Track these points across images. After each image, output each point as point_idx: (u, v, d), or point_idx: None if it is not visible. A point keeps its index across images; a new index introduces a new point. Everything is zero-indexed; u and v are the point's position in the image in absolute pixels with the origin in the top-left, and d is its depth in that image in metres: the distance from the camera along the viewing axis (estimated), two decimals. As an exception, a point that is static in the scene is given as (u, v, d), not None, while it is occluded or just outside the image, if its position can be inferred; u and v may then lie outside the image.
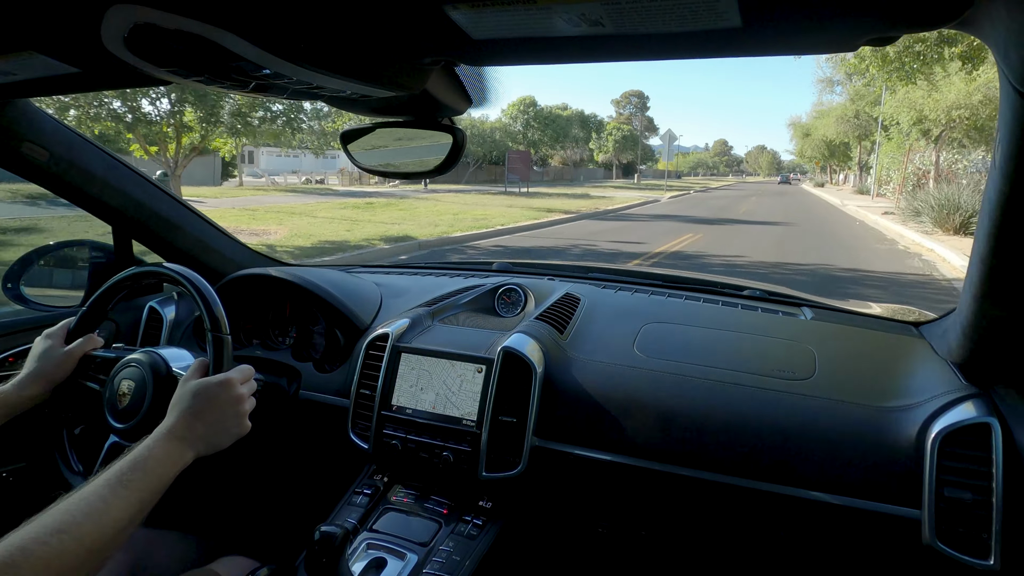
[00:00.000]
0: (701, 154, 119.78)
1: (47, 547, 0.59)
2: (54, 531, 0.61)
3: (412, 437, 1.12)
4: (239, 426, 0.87)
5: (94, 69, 0.77)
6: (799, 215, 18.61)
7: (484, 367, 1.11)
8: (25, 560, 0.57)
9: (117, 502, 0.68)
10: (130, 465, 0.72)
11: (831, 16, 0.47)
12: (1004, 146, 0.55)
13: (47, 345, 1.01)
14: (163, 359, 0.98)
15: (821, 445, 0.95)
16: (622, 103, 75.13)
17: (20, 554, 0.57)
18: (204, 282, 0.97)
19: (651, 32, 0.51)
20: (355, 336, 1.30)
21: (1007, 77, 0.48)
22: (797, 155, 52.67)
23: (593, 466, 1.05)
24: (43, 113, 1.17)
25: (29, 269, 1.41)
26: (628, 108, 74.36)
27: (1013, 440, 0.87)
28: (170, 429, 0.79)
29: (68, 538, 0.61)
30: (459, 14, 0.50)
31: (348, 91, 0.69)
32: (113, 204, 1.34)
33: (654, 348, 1.16)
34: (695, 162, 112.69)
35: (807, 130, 43.27)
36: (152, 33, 0.52)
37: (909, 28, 0.48)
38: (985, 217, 0.65)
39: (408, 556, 0.98)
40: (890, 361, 1.09)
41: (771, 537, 1.04)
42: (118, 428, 0.95)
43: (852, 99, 29.01)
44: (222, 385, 0.85)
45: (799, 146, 47.60)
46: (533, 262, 1.80)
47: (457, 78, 0.80)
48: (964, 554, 0.84)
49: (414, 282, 1.56)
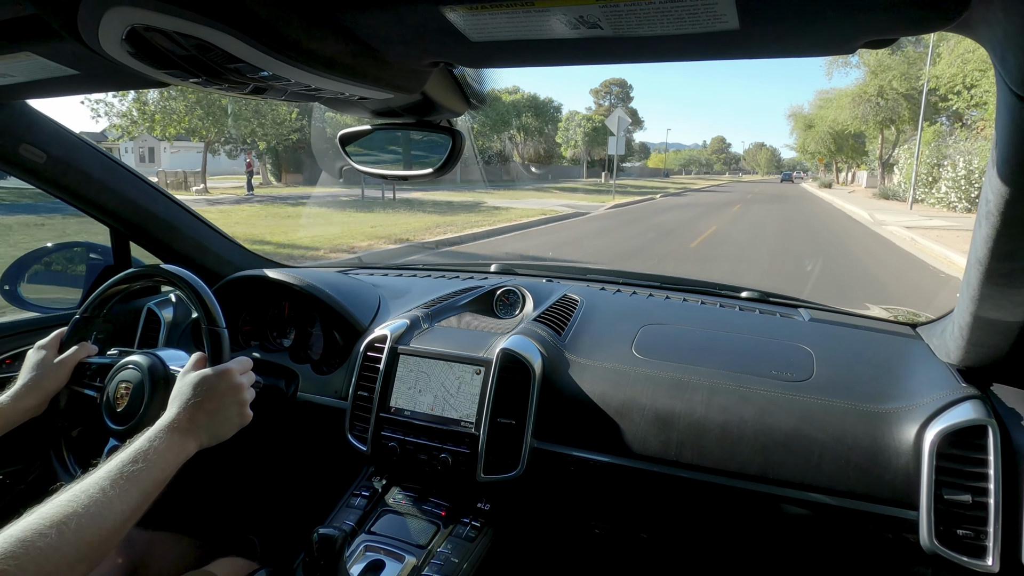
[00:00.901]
0: (697, 151, 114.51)
1: (47, 540, 0.58)
2: (54, 524, 0.60)
3: (410, 439, 1.12)
4: (240, 415, 0.86)
5: (91, 71, 0.77)
6: (803, 244, 10.62)
7: (483, 369, 1.11)
8: (25, 553, 0.56)
9: (119, 495, 0.67)
10: (132, 457, 0.71)
11: (828, 18, 0.47)
12: (1001, 148, 0.55)
13: (41, 356, 1.00)
14: (160, 359, 0.98)
15: (819, 447, 0.95)
16: (602, 93, 68.50)
17: (20, 547, 0.57)
18: (199, 280, 0.97)
19: (649, 34, 0.51)
20: (353, 338, 1.30)
21: (1004, 80, 0.48)
22: (798, 150, 46.45)
23: (591, 468, 1.05)
24: (41, 115, 1.17)
25: (26, 271, 1.41)
26: (609, 99, 67.44)
27: (1011, 441, 0.87)
28: (172, 421, 0.79)
29: (68, 531, 0.60)
30: (457, 16, 0.50)
31: (347, 93, 0.69)
32: (110, 206, 1.34)
33: (652, 349, 1.16)
34: (687, 159, 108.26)
35: (810, 121, 37.19)
36: (150, 35, 0.52)
37: (906, 30, 0.48)
38: (982, 219, 0.65)
39: (406, 558, 0.98)
40: (888, 363, 1.10)
41: (769, 539, 1.04)
42: (117, 430, 0.94)
43: (874, 72, 23.18)
44: (221, 375, 0.85)
45: (800, 140, 40.67)
46: (532, 263, 1.80)
47: (455, 80, 0.80)
48: (962, 555, 0.84)
49: (412, 284, 1.56)
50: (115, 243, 1.47)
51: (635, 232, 12.68)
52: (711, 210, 18.70)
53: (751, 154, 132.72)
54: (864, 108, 24.26)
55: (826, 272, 7.47)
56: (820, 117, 33.99)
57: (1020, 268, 0.69)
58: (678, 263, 8.41)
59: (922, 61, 17.33)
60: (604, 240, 11.21)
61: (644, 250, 9.60)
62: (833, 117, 28.80)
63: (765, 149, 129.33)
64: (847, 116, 25.37)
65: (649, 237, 11.69)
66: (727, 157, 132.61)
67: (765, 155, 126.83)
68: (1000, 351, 0.89)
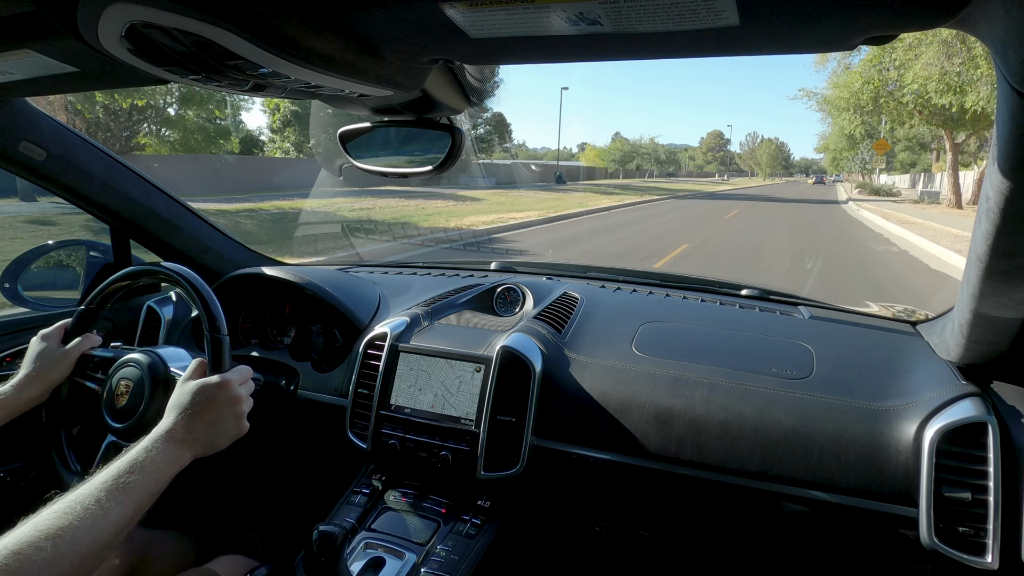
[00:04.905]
0: (645, 145, 61.82)
1: (42, 553, 0.59)
2: (49, 536, 0.60)
3: (411, 436, 1.12)
4: (237, 427, 0.86)
5: (91, 68, 0.77)
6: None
7: (483, 367, 1.11)
8: (20, 566, 0.57)
9: (114, 506, 0.67)
10: (128, 468, 0.72)
11: (828, 15, 0.47)
12: (1002, 145, 0.55)
13: (44, 346, 1.01)
14: (161, 359, 0.98)
15: (819, 444, 0.95)
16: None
17: (15, 559, 0.57)
18: (203, 282, 0.97)
19: (649, 31, 0.51)
20: (353, 335, 1.30)
21: (1005, 76, 0.48)
22: (831, 144, 33.26)
23: (591, 465, 1.05)
24: (41, 112, 1.17)
25: (26, 268, 1.41)
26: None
27: (1010, 438, 0.87)
28: (168, 431, 0.79)
29: (64, 543, 0.61)
30: (457, 13, 0.50)
31: (347, 90, 0.69)
32: (111, 204, 1.34)
33: (652, 347, 1.16)
34: (626, 154, 59.61)
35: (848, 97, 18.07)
36: (150, 32, 0.52)
37: (906, 26, 0.48)
38: (982, 216, 0.65)
39: (406, 555, 0.98)
40: (888, 360, 1.10)
41: (769, 536, 1.04)
42: (116, 427, 0.95)
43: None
44: (220, 386, 0.85)
45: (839, 127, 22.46)
46: (532, 261, 1.80)
47: (455, 77, 0.79)
48: (962, 552, 0.84)
49: (413, 281, 1.56)
50: (115, 241, 1.47)
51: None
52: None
53: (746, 147, 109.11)
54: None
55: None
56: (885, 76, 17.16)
57: (1020, 265, 0.69)
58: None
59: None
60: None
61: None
62: (917, 73, 14.53)
63: (766, 142, 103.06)
64: (934, 69, 13.62)
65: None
66: (725, 156, 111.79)
67: (767, 150, 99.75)
68: (1000, 348, 0.89)
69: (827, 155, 46.07)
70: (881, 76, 17.44)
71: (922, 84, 14.64)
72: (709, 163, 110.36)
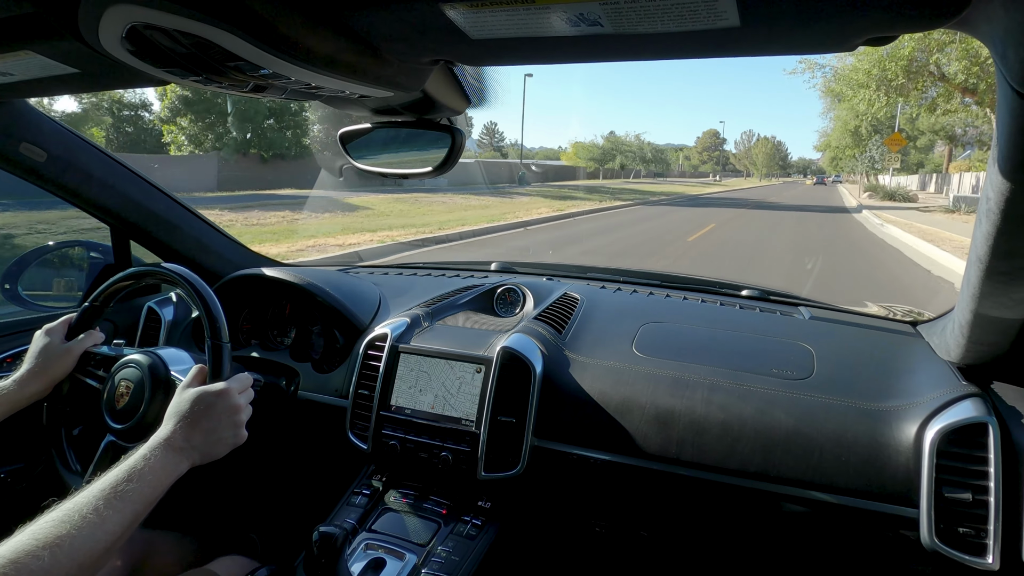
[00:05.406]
0: (629, 142, 52.36)
1: (40, 562, 0.59)
2: (47, 545, 0.60)
3: (411, 437, 1.12)
4: (235, 436, 0.86)
5: (92, 70, 0.77)
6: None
7: (483, 367, 1.11)
8: (18, 575, 0.57)
9: (112, 515, 0.67)
10: (126, 476, 0.72)
11: (829, 16, 0.47)
12: (1002, 145, 0.55)
13: (47, 341, 1.01)
14: (162, 361, 0.98)
15: (819, 445, 0.95)
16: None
17: (12, 568, 0.57)
18: (205, 286, 0.96)
19: (649, 32, 0.51)
20: (354, 336, 1.30)
21: (1005, 77, 0.48)
22: (833, 141, 30.70)
23: (592, 466, 1.05)
24: (41, 114, 1.17)
25: (27, 270, 1.41)
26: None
27: (1011, 439, 0.87)
28: (167, 439, 0.79)
29: (62, 552, 0.61)
30: (457, 14, 0.50)
31: (347, 91, 0.69)
32: (111, 205, 1.34)
33: (653, 348, 1.16)
34: (606, 151, 49.03)
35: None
36: (150, 33, 0.52)
37: (906, 27, 0.48)
38: (982, 217, 0.66)
39: (407, 556, 0.98)
40: (888, 360, 1.10)
41: (769, 536, 1.04)
42: (115, 428, 0.95)
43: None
44: (219, 395, 0.85)
45: (843, 121, 20.29)
46: (532, 262, 1.80)
47: (456, 78, 0.80)
48: (963, 553, 0.84)
49: (413, 282, 1.56)
50: (115, 242, 1.47)
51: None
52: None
53: (742, 146, 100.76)
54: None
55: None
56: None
57: (1020, 266, 0.69)
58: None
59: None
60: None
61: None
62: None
63: (763, 141, 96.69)
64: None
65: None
66: (720, 155, 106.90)
67: (763, 149, 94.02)
68: (1000, 349, 0.89)
69: (827, 154, 43.12)
70: (925, 38, 13.07)
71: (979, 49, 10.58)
72: (704, 163, 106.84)
